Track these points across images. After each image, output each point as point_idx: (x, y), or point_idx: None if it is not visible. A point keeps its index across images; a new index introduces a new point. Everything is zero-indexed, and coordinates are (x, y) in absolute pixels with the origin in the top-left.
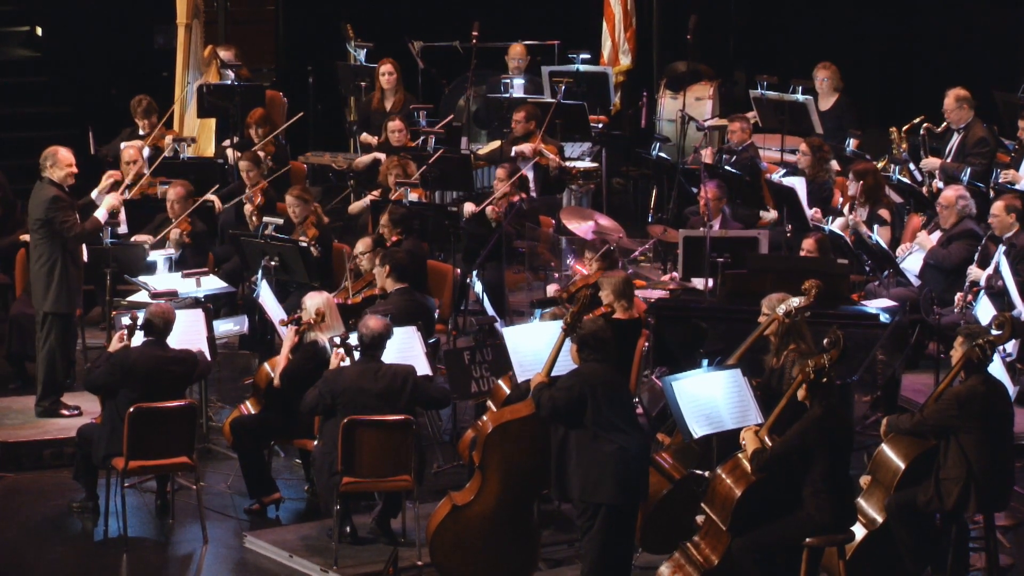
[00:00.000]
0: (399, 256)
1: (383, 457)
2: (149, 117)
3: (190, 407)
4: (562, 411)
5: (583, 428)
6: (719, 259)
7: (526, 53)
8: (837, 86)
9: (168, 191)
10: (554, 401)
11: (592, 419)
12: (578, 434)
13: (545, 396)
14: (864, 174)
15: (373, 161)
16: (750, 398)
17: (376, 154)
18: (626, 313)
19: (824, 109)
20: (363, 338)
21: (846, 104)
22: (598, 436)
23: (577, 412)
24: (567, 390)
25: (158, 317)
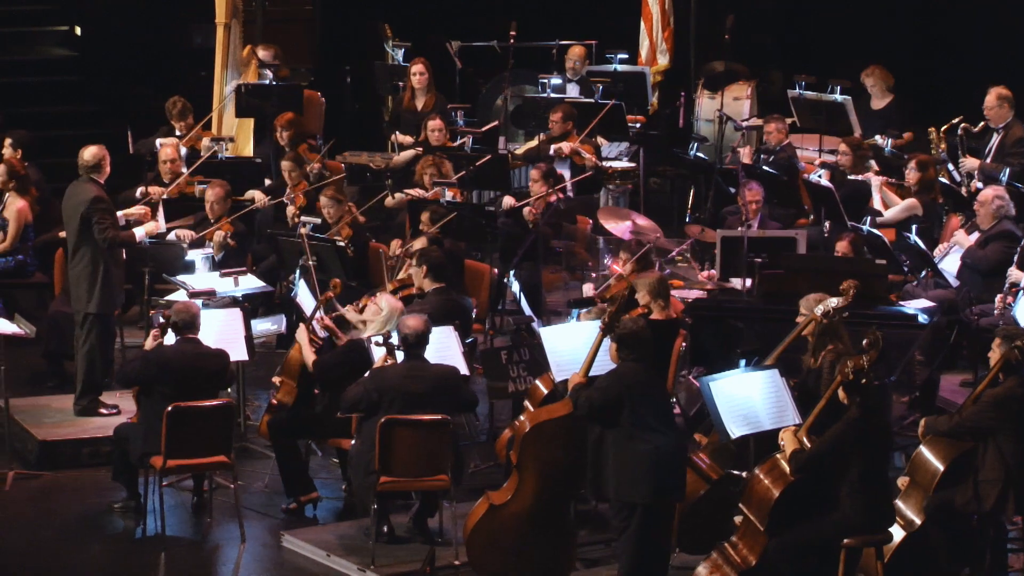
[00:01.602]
0: (436, 255)
1: (420, 456)
2: (185, 118)
3: (227, 406)
4: (599, 411)
5: (619, 428)
6: (756, 259)
7: (585, 55)
8: (889, 86)
9: (207, 192)
10: (591, 401)
11: (628, 419)
12: (614, 434)
13: (582, 396)
14: (926, 165)
15: (414, 157)
16: (788, 398)
17: (418, 149)
18: (663, 313)
19: (876, 108)
20: (406, 337)
21: (897, 104)
22: (634, 436)
23: (614, 412)
24: (604, 390)
25: (181, 314)
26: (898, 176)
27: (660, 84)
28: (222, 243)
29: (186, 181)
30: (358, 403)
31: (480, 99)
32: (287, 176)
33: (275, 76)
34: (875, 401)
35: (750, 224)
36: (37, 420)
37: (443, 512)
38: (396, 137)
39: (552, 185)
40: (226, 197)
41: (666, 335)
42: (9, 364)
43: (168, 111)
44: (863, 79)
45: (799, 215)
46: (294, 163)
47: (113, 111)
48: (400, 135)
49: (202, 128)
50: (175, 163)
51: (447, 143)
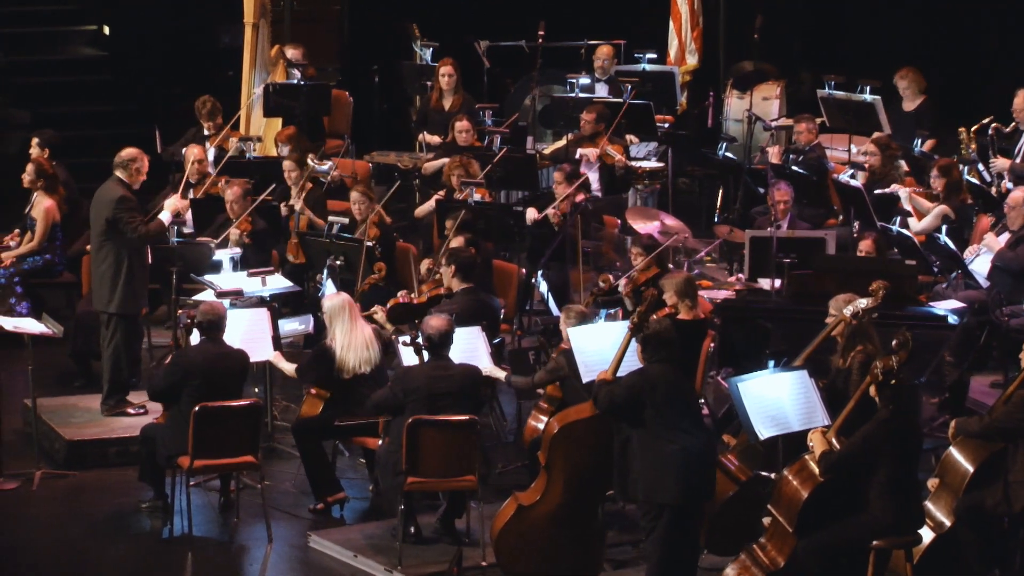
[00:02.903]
0: (465, 255)
1: (448, 457)
2: (214, 119)
3: (255, 406)
4: (619, 407)
5: (646, 428)
6: (785, 259)
7: (613, 55)
8: (922, 88)
9: (226, 192)
10: (611, 396)
11: (655, 419)
12: (641, 434)
13: (604, 391)
14: (949, 169)
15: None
16: (816, 399)
17: (442, 161)
18: (690, 313)
19: (908, 110)
20: (431, 338)
21: (928, 106)
22: (661, 436)
23: (635, 410)
24: (627, 388)
25: (206, 315)
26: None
27: (689, 84)
28: (238, 241)
29: (212, 181)
30: (384, 404)
31: (508, 99)
32: (287, 176)
33: (303, 76)
34: (905, 402)
35: (779, 224)
36: (65, 420)
37: (470, 513)
38: (424, 137)
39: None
40: (245, 196)
41: (694, 335)
42: (37, 364)
43: (197, 111)
44: (896, 81)
45: (828, 215)
46: (295, 164)
47: (141, 111)
48: (428, 135)
49: (230, 128)
50: (203, 163)
51: (475, 143)
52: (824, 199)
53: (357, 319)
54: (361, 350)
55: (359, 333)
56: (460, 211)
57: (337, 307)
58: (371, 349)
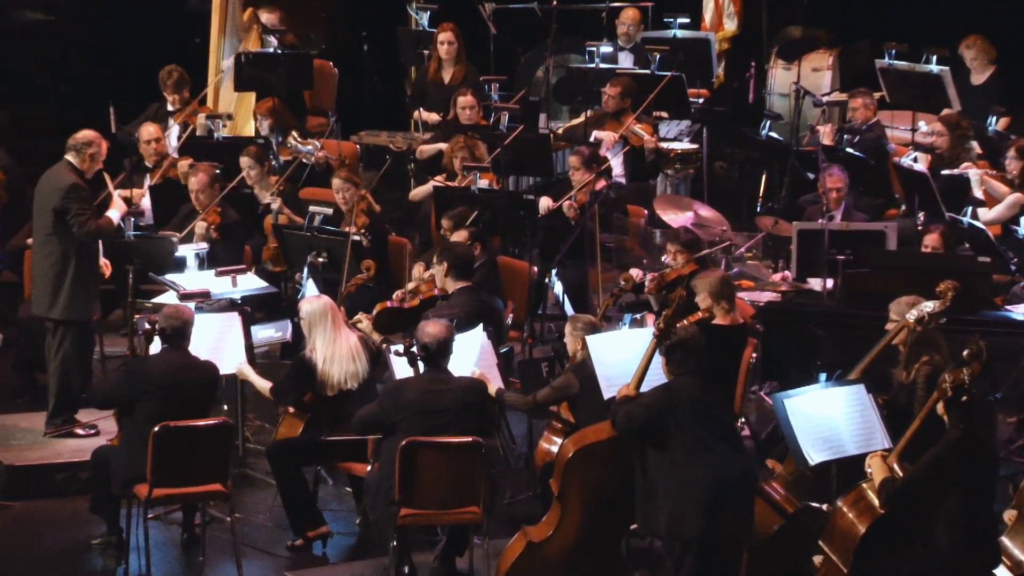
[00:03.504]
0: (460, 250)
1: (448, 484)
2: (180, 91)
3: (224, 426)
4: (638, 428)
5: (670, 451)
6: (839, 256)
7: (640, 19)
8: (991, 58)
9: (190, 180)
10: (630, 415)
11: (680, 441)
12: (665, 458)
13: (623, 410)
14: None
15: (438, 153)
16: (875, 418)
17: (440, 145)
18: (727, 317)
19: (977, 84)
20: (428, 347)
21: (999, 79)
22: (687, 461)
23: (658, 432)
24: (647, 407)
25: (172, 319)
26: None
27: (727, 53)
28: (205, 235)
29: (170, 163)
30: (372, 422)
31: (518, 70)
32: (247, 175)
33: (280, 43)
34: (978, 421)
35: (831, 215)
36: (4, 442)
37: (474, 550)
38: (420, 114)
39: (596, 172)
40: (212, 183)
41: (731, 343)
42: None
43: (162, 82)
44: (962, 51)
45: (889, 205)
46: (255, 160)
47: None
48: (425, 112)
49: (197, 102)
50: (160, 143)
51: (479, 121)
52: (884, 186)
53: (341, 326)
54: (346, 362)
55: (343, 342)
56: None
57: (317, 312)
58: (358, 361)
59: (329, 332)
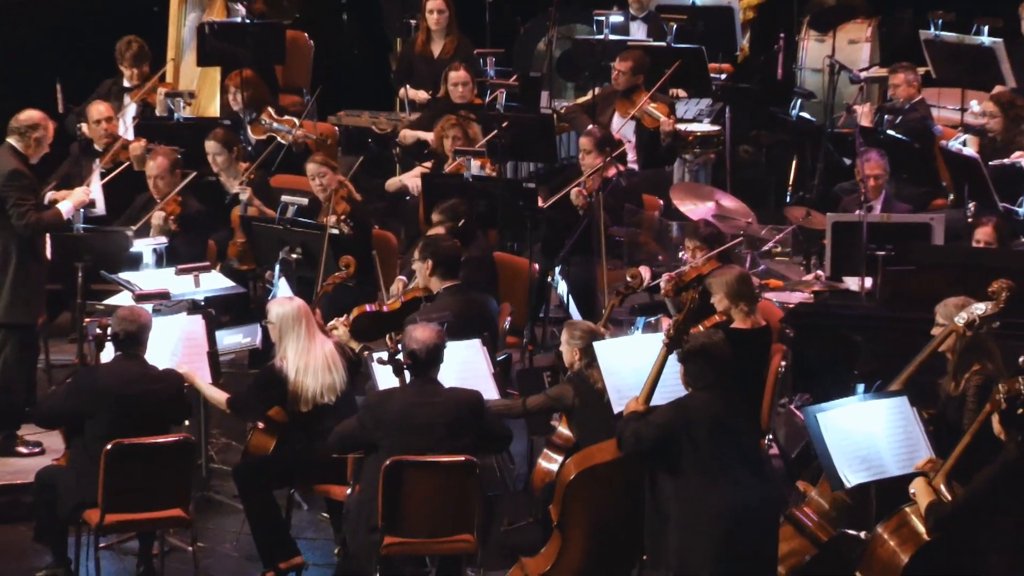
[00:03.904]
0: (445, 245)
1: (437, 509)
2: (140, 65)
3: (185, 443)
4: (647, 450)
5: (683, 476)
6: (879, 252)
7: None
8: None
9: (148, 164)
10: (639, 435)
11: (694, 465)
12: (678, 484)
13: (630, 428)
14: None
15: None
16: (920, 435)
17: (421, 134)
18: (748, 320)
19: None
20: (416, 354)
21: None
22: (704, 487)
23: (671, 454)
24: (659, 426)
25: (124, 324)
26: None
27: (753, 22)
28: (163, 228)
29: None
30: (350, 439)
31: (517, 42)
32: (212, 162)
33: (248, 12)
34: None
35: (871, 206)
36: None
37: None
38: (406, 92)
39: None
40: (173, 169)
41: (753, 349)
42: None
43: (119, 54)
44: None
45: (935, 194)
46: (222, 144)
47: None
48: (412, 89)
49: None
50: (110, 123)
51: (474, 100)
52: (929, 173)
53: (316, 332)
54: (322, 373)
55: (318, 351)
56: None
57: (289, 316)
58: (335, 371)
59: (303, 339)
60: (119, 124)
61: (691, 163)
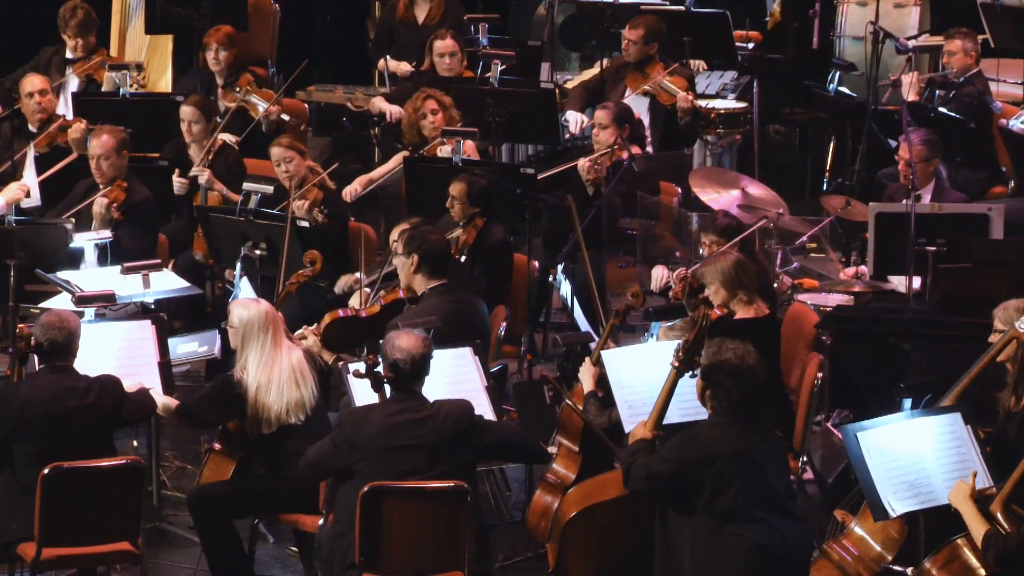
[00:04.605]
0: (433, 239)
1: (423, 543)
2: (85, 35)
3: (133, 467)
4: (658, 487)
5: (700, 515)
6: (929, 247)
7: None
8: None
9: (91, 143)
10: (649, 471)
11: (713, 503)
12: (693, 524)
13: (638, 462)
14: None
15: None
16: (976, 457)
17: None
18: (750, 308)
19: None
20: (398, 365)
21: None
22: (718, 530)
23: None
24: (672, 462)
25: (52, 331)
26: None
27: None
28: (105, 219)
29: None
30: (323, 463)
31: (514, 7)
32: (187, 131)
33: None
34: None
35: (919, 195)
36: None
37: None
38: (386, 63)
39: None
40: (120, 149)
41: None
42: None
43: (62, 22)
44: None
45: (993, 181)
46: (200, 111)
47: None
48: (392, 61)
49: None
50: (45, 97)
51: (463, 73)
52: (987, 156)
53: (282, 342)
54: (288, 389)
55: (283, 363)
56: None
57: (254, 322)
58: (303, 386)
59: (267, 349)
60: (58, 100)
61: (714, 145)
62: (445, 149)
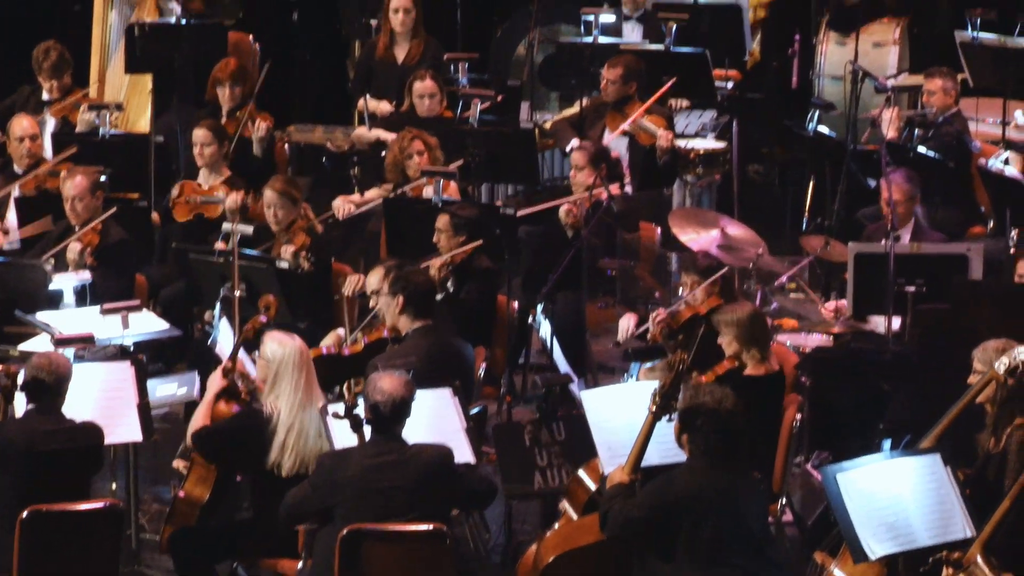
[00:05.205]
0: (419, 280)
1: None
2: (60, 76)
3: (112, 511)
4: (635, 532)
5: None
6: (909, 287)
7: None
8: None
9: (64, 184)
10: (626, 517)
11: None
12: (673, 568)
13: (616, 508)
14: None
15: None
16: (955, 499)
17: (380, 132)
18: (762, 366)
19: None
20: (378, 407)
21: None
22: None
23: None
24: (649, 508)
25: (43, 372)
26: None
27: (764, 22)
28: (78, 261)
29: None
30: (302, 507)
31: (494, 46)
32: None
33: (185, 10)
34: None
35: (898, 235)
36: None
37: None
38: (366, 103)
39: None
40: (94, 191)
41: (767, 398)
42: None
43: (36, 64)
44: None
45: (972, 220)
46: (213, 134)
47: None
48: (372, 100)
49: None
50: (35, 142)
51: (443, 113)
52: (966, 196)
53: (315, 387)
54: (312, 438)
55: (313, 410)
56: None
57: (289, 360)
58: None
59: (300, 392)
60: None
61: (693, 185)
62: (429, 190)
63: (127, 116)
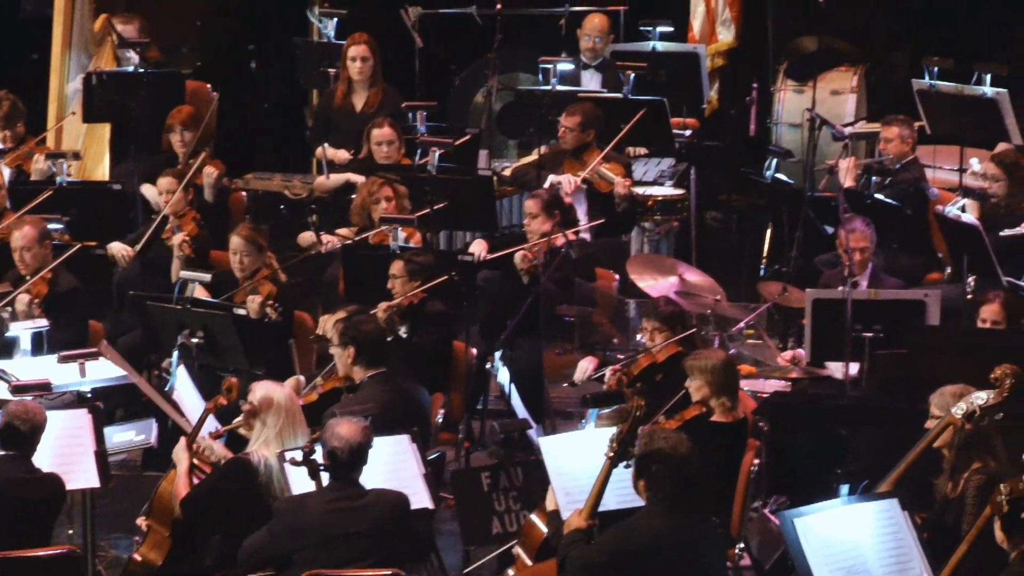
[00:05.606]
0: (368, 329)
1: None
2: (13, 126)
3: (69, 557)
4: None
5: None
6: (866, 333)
7: (608, 29)
8: None
9: (13, 235)
10: (584, 562)
11: None
12: None
13: (574, 553)
14: None
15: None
16: (913, 543)
17: (349, 175)
18: (729, 414)
19: None
20: (336, 453)
21: None
22: None
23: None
24: (608, 553)
25: (19, 420)
26: None
27: (722, 71)
28: (27, 312)
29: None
30: (261, 553)
31: (452, 95)
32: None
33: (142, 60)
34: None
35: (856, 281)
36: None
37: None
38: (324, 152)
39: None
40: (41, 240)
41: (731, 446)
42: None
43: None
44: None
45: (930, 267)
46: (177, 180)
47: None
48: (330, 148)
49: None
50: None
51: (401, 160)
52: (923, 242)
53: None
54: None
55: None
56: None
57: (280, 406)
58: None
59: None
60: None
61: (651, 232)
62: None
63: (84, 164)
